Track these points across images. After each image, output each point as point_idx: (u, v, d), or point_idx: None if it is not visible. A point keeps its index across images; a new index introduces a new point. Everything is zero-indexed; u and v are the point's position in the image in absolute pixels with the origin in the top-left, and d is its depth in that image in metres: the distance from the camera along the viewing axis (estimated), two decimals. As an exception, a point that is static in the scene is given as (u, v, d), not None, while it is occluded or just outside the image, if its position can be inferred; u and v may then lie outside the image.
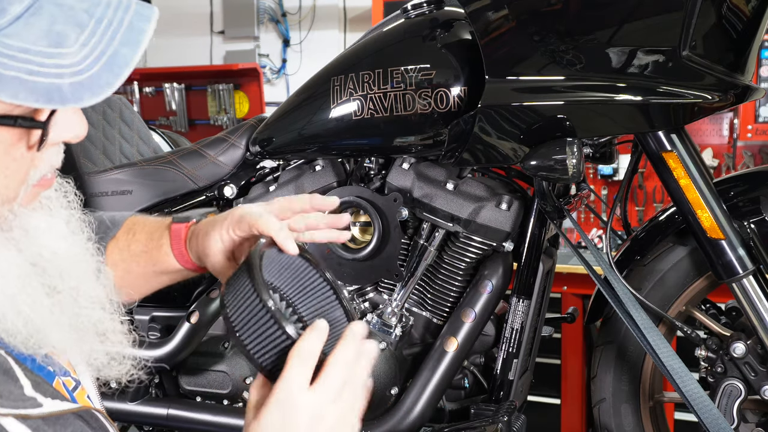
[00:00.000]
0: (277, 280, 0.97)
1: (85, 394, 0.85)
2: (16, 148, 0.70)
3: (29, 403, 0.70)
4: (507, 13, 1.48)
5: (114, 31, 0.70)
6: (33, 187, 0.76)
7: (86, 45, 0.68)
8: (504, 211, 1.63)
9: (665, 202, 3.61)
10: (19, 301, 0.73)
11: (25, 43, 0.66)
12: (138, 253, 1.11)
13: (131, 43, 0.70)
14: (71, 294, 0.82)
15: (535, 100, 1.49)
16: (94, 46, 0.68)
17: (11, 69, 0.65)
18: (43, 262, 0.79)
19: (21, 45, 0.65)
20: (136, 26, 0.71)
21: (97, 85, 0.68)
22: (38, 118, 0.70)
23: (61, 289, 0.80)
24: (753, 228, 1.54)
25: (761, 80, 3.41)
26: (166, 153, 2.06)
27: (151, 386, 1.91)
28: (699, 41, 1.41)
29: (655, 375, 1.73)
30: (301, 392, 0.77)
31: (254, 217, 1.01)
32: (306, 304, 0.97)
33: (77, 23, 0.68)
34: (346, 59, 1.73)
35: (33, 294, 0.75)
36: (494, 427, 1.59)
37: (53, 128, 0.72)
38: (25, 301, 0.74)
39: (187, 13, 6.20)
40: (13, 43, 0.65)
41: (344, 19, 5.85)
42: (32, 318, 0.74)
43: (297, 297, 0.97)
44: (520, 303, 1.69)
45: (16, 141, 0.70)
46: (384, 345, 1.68)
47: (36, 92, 0.66)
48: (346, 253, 1.72)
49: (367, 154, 1.76)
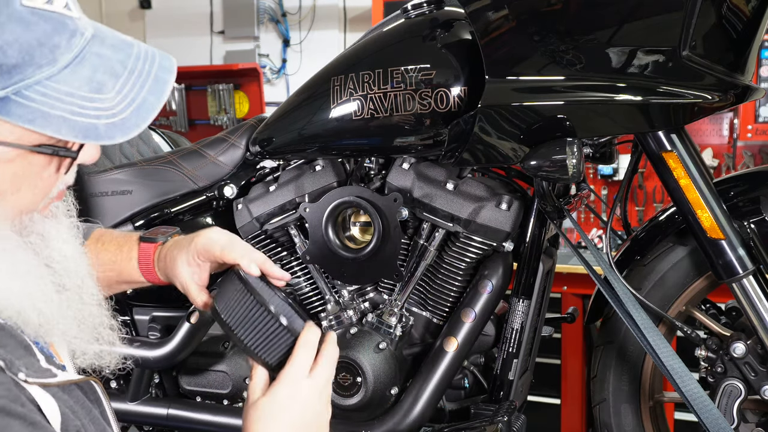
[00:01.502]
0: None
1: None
2: (47, 170, 0.84)
3: (47, 374, 0.81)
4: (507, 13, 1.48)
5: (143, 81, 0.84)
6: (50, 200, 0.89)
7: (120, 92, 0.82)
8: (504, 211, 1.63)
9: (665, 202, 3.61)
10: (36, 298, 0.84)
11: (71, 88, 0.79)
12: (106, 261, 1.23)
13: (156, 92, 0.85)
14: (77, 291, 0.94)
15: (535, 100, 1.49)
16: (126, 93, 0.82)
17: (58, 109, 0.77)
18: (54, 264, 0.91)
19: (67, 89, 0.78)
20: (160, 78, 0.86)
21: (127, 126, 0.81)
22: (70, 147, 0.84)
23: (69, 287, 0.93)
24: (753, 228, 1.54)
25: (761, 80, 3.41)
26: (166, 153, 2.05)
27: (151, 386, 1.91)
28: (699, 41, 1.41)
29: (655, 375, 1.73)
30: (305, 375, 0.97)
31: (218, 248, 1.14)
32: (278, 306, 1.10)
33: (114, 73, 0.82)
34: (346, 59, 1.73)
35: (47, 291, 0.87)
36: (494, 427, 1.59)
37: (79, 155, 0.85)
38: (41, 297, 0.85)
39: (187, 13, 6.20)
40: (62, 87, 0.78)
41: (344, 19, 5.85)
42: (44, 311, 0.85)
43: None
44: (520, 303, 1.69)
45: (47, 165, 0.83)
46: (384, 345, 1.68)
47: (76, 129, 0.79)
48: (346, 253, 1.72)
49: (367, 154, 1.76)
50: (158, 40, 6.29)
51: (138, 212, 1.91)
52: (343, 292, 1.80)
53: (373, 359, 1.65)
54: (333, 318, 1.79)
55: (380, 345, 1.68)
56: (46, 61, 0.77)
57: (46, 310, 0.85)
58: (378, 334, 1.70)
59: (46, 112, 0.77)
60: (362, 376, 1.64)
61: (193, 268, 1.17)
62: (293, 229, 1.83)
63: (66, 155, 0.83)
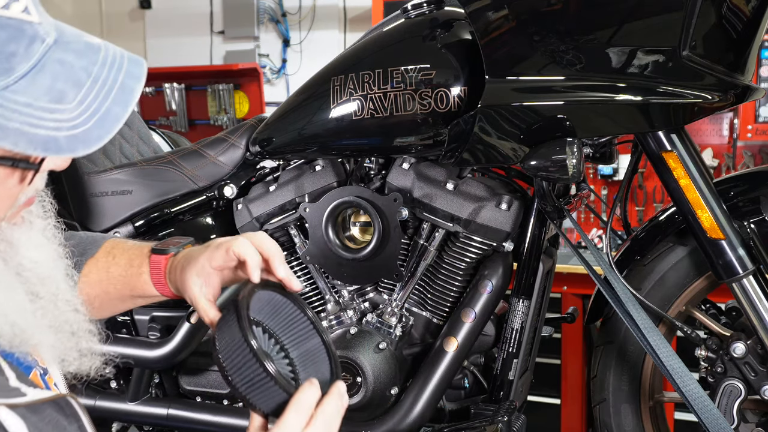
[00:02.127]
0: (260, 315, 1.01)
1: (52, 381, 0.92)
2: (9, 181, 0.78)
3: (14, 393, 0.76)
4: (507, 13, 1.48)
5: (108, 91, 0.78)
6: (18, 207, 0.83)
7: (83, 103, 0.76)
8: (504, 211, 1.63)
9: (665, 202, 3.61)
10: (7, 309, 0.80)
11: (29, 99, 0.73)
12: (117, 276, 1.17)
13: (122, 102, 0.79)
14: (51, 299, 0.90)
15: (535, 100, 1.49)
16: (89, 104, 0.76)
17: (15, 121, 0.72)
18: (26, 272, 0.87)
19: (25, 100, 0.73)
20: (127, 86, 0.80)
21: (89, 138, 0.76)
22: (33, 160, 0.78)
23: (42, 295, 0.88)
24: (753, 228, 1.54)
25: (761, 80, 3.41)
26: (166, 153, 2.06)
27: (151, 386, 1.91)
28: (699, 41, 1.41)
29: (655, 375, 1.73)
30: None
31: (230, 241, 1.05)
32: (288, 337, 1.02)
33: (76, 82, 0.76)
34: (346, 59, 1.73)
35: (18, 301, 0.83)
36: (494, 427, 1.59)
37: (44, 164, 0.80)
38: (12, 308, 0.81)
39: (187, 13, 6.20)
40: (19, 98, 0.73)
41: (344, 19, 5.85)
42: (18, 322, 0.81)
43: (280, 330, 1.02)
44: (520, 303, 1.69)
45: (9, 176, 0.78)
46: (384, 345, 1.68)
47: (35, 142, 0.73)
48: (346, 253, 1.72)
49: (367, 154, 1.76)
50: (158, 40, 6.30)
51: (138, 212, 1.91)
52: (343, 292, 1.80)
53: (373, 359, 1.65)
54: (333, 318, 1.79)
55: (380, 345, 1.68)
56: (0, 71, 0.72)
57: (20, 320, 0.81)
58: (378, 334, 1.70)
59: (2, 125, 0.72)
60: (362, 376, 1.64)
61: (203, 279, 1.07)
62: (293, 229, 1.83)
63: (27, 168, 0.78)
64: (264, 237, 1.06)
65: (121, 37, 6.31)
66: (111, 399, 1.86)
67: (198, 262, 1.06)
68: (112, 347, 1.80)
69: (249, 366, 0.89)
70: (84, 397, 1.82)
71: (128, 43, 6.30)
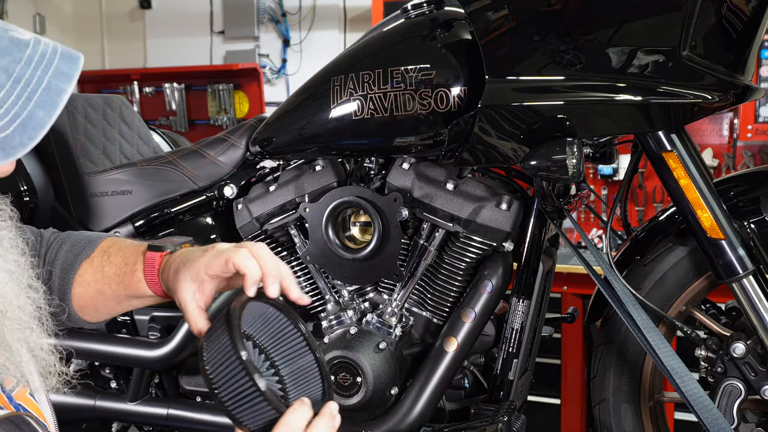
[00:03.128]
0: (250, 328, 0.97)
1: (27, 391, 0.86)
2: None
3: None
4: (507, 13, 1.48)
5: (31, 92, 0.70)
6: None
7: (1, 107, 0.69)
8: (504, 211, 1.63)
9: (665, 202, 3.61)
10: None
11: None
12: (111, 276, 1.11)
13: (47, 105, 0.71)
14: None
15: (535, 100, 1.49)
16: (9, 107, 0.69)
17: None
18: None
19: None
20: (54, 87, 0.72)
21: (10, 146, 0.69)
22: None
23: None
24: (753, 228, 1.54)
25: (761, 80, 3.41)
26: (166, 153, 2.06)
27: (151, 386, 1.91)
28: (699, 41, 1.41)
29: (655, 375, 1.73)
30: None
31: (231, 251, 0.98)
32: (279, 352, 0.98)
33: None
34: (346, 59, 1.73)
35: None
36: (494, 427, 1.59)
37: None
38: None
39: (187, 13, 6.19)
40: None
41: (344, 19, 5.85)
42: None
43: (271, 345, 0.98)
44: (520, 303, 1.69)
45: None
46: (384, 345, 1.68)
47: None
48: (346, 253, 1.72)
49: (367, 154, 1.76)
50: (158, 40, 6.30)
51: (138, 212, 1.91)
52: (343, 292, 1.80)
53: (373, 359, 1.65)
54: (333, 318, 1.79)
55: (380, 345, 1.68)
56: None
57: None
58: (378, 334, 1.70)
59: None
60: (362, 376, 1.64)
61: (196, 285, 1.00)
62: (293, 229, 1.83)
63: None
64: (265, 251, 1.00)
65: (121, 37, 6.32)
66: (111, 399, 1.85)
67: (194, 267, 1.00)
68: (113, 347, 1.81)
69: (238, 380, 0.84)
70: (84, 397, 1.82)
71: (128, 43, 6.31)
